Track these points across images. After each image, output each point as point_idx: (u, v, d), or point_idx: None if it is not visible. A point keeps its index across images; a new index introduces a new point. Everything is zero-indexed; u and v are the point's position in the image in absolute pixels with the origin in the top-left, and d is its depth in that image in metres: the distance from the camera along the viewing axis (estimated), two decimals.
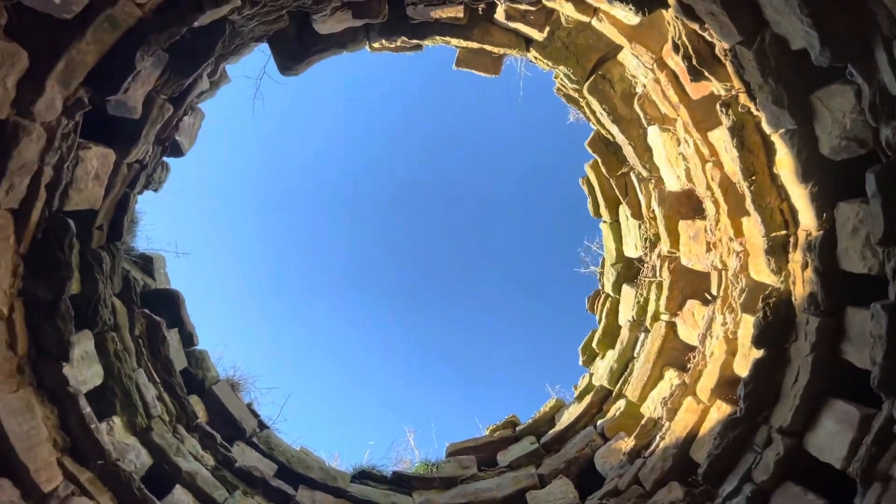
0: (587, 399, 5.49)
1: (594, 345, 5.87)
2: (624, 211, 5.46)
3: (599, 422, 5.18)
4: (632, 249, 5.43)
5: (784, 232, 3.39)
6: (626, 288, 5.52)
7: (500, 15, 4.30)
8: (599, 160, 5.38)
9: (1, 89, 2.57)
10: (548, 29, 4.34)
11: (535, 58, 4.69)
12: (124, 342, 3.95)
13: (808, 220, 3.01)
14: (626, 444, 4.60)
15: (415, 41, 4.49)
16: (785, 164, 3.05)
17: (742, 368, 3.69)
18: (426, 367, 18.56)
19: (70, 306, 3.34)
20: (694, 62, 3.28)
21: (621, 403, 5.03)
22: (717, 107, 3.39)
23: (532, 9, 4.05)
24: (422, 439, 9.10)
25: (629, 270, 5.52)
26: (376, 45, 4.54)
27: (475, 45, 4.69)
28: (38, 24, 2.56)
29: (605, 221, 5.87)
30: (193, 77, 3.59)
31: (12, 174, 2.80)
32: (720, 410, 3.82)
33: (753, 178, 3.37)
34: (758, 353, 3.45)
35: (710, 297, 4.33)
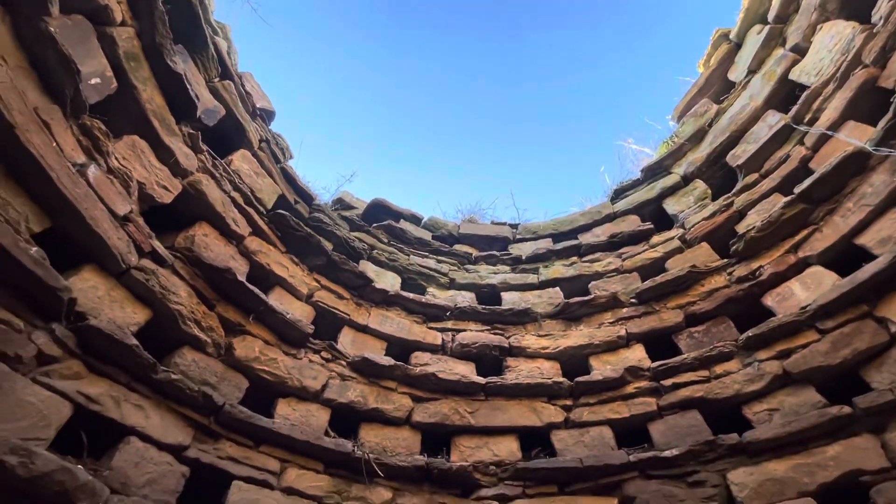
0: None
1: None
2: None
3: None
4: None
5: None
6: None
7: None
8: None
9: (158, 171, 3.06)
10: None
11: None
12: (385, 251, 4.82)
13: None
14: None
15: None
16: None
17: None
18: (598, 98, 17.08)
19: (338, 255, 4.18)
20: None
21: None
22: None
23: None
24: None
25: None
26: None
27: None
28: (119, 112, 2.84)
29: None
30: (210, 41, 3.54)
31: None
32: None
33: None
34: None
35: None
